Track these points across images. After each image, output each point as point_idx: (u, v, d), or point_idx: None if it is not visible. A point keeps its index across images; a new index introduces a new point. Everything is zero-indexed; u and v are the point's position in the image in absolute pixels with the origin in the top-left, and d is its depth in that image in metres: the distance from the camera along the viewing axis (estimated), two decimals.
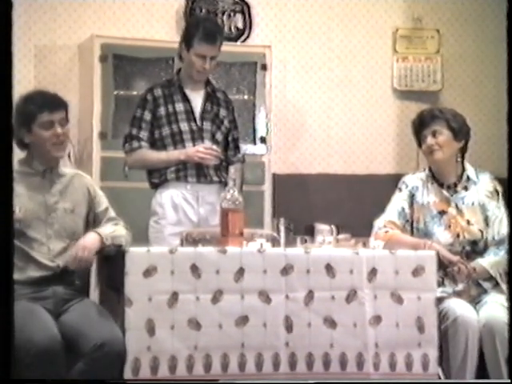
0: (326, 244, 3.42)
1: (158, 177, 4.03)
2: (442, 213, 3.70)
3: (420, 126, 3.75)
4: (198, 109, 4.06)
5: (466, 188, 3.75)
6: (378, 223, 3.71)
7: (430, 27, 5.85)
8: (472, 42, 5.93)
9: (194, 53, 3.95)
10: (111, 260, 3.25)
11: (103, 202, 3.43)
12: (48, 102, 3.28)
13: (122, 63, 5.17)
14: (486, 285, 3.61)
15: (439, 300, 3.42)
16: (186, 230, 3.82)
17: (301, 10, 5.70)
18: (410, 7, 5.84)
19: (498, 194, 3.76)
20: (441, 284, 3.54)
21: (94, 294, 3.41)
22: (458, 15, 5.90)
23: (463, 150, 3.78)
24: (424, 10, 5.84)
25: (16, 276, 3.10)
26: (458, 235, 3.66)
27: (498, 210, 3.71)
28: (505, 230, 3.64)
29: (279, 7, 5.67)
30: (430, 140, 3.69)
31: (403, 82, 5.81)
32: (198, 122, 4.04)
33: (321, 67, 5.72)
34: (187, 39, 3.98)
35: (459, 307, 3.45)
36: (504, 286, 3.53)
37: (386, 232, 3.65)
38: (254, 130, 5.32)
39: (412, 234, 3.69)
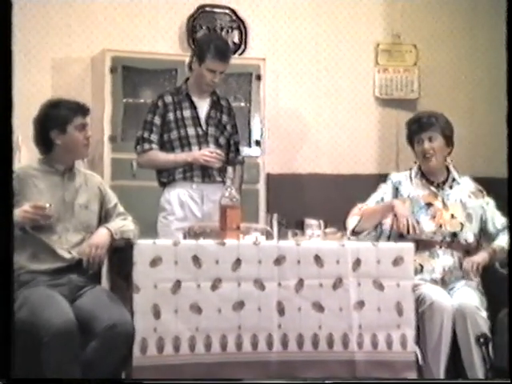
0: (315, 237, 3.42)
1: (166, 176, 4.02)
2: (428, 205, 3.71)
3: (418, 129, 3.71)
4: (204, 115, 4.05)
5: (451, 187, 3.77)
6: (358, 206, 3.72)
7: (408, 42, 5.85)
8: (446, 55, 5.93)
9: (206, 68, 3.94)
10: (121, 251, 3.25)
11: (113, 198, 3.42)
12: (80, 108, 3.30)
13: (130, 74, 5.16)
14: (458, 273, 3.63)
15: (417, 286, 3.43)
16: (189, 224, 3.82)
17: (291, 27, 5.70)
18: (389, 24, 5.84)
19: (483, 192, 3.78)
20: (418, 272, 3.56)
21: (105, 281, 3.41)
22: (433, 32, 5.90)
23: (449, 155, 3.80)
24: (402, 27, 5.85)
25: (37, 266, 3.14)
26: (440, 226, 3.67)
27: (486, 206, 3.74)
28: (504, 219, 3.66)
29: (272, 24, 5.67)
30: (426, 145, 3.69)
31: (384, 91, 5.82)
32: (204, 127, 4.04)
33: (310, 77, 5.72)
34: (200, 55, 3.96)
35: (435, 293, 3.46)
36: None
37: (360, 208, 3.67)
38: (250, 134, 5.31)
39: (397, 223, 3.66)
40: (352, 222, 3.65)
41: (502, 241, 3.62)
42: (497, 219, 3.71)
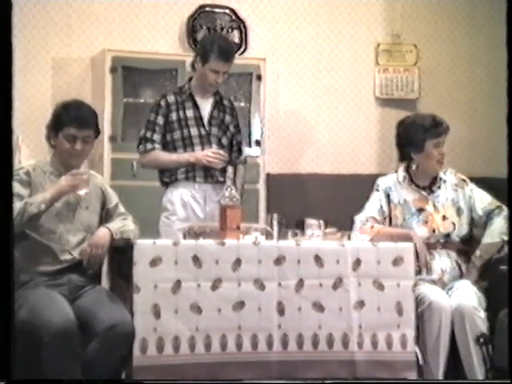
0: (315, 237, 3.42)
1: (168, 176, 4.02)
2: (420, 210, 3.70)
3: (439, 132, 3.67)
4: (207, 115, 4.04)
5: (439, 187, 3.76)
6: (360, 218, 3.69)
7: (408, 42, 5.86)
8: (446, 55, 5.94)
9: (209, 68, 3.93)
10: (121, 251, 3.25)
11: (113, 198, 3.42)
12: (79, 118, 3.20)
13: (130, 74, 5.16)
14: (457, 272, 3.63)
15: (415, 286, 3.43)
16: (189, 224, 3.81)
17: (292, 27, 5.71)
18: (389, 24, 5.85)
19: (465, 181, 3.77)
20: (418, 273, 3.55)
21: (105, 281, 3.41)
22: (433, 32, 5.91)
23: None
24: (402, 27, 5.85)
25: (37, 267, 3.15)
26: (433, 230, 3.67)
27: (471, 192, 3.73)
28: (487, 201, 3.66)
29: (272, 24, 5.68)
30: (445, 149, 3.69)
31: (384, 91, 5.82)
32: (207, 128, 4.03)
33: (310, 77, 5.73)
34: (203, 55, 3.95)
35: (433, 293, 3.47)
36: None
37: (372, 227, 3.64)
38: (250, 134, 5.31)
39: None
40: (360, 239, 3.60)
41: (487, 237, 3.61)
42: (481, 201, 3.69)
